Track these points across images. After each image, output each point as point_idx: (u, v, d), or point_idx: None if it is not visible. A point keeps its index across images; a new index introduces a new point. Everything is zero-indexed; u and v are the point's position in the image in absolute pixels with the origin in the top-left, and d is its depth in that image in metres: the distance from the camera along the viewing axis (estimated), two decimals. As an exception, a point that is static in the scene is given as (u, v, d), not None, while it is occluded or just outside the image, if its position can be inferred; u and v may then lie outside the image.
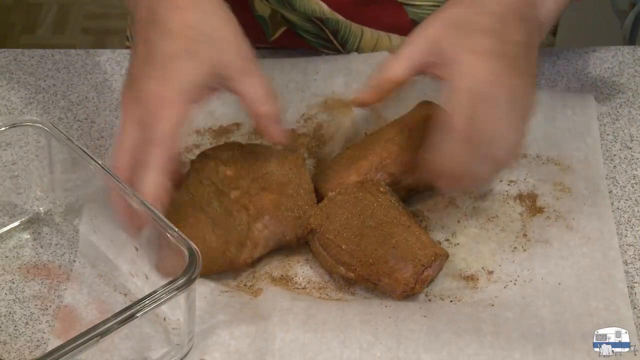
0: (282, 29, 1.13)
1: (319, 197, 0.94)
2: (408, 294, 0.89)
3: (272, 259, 0.94)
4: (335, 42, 1.12)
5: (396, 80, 0.91)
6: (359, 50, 1.12)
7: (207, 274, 0.91)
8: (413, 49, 0.91)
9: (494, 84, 0.87)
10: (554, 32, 1.25)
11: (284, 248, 0.94)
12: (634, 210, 0.98)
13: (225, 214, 0.90)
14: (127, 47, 1.25)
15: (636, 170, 1.02)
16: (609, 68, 1.13)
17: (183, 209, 0.90)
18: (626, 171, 1.02)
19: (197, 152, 0.99)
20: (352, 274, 0.90)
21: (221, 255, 0.90)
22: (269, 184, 0.92)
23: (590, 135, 1.04)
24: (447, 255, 0.91)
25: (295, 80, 1.09)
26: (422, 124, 0.94)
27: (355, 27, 1.10)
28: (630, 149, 1.04)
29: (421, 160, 0.91)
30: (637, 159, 1.03)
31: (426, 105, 0.97)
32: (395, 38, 1.11)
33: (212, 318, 0.88)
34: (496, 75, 0.87)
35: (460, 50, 0.88)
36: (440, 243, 0.94)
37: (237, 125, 1.05)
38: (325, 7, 1.08)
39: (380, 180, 0.93)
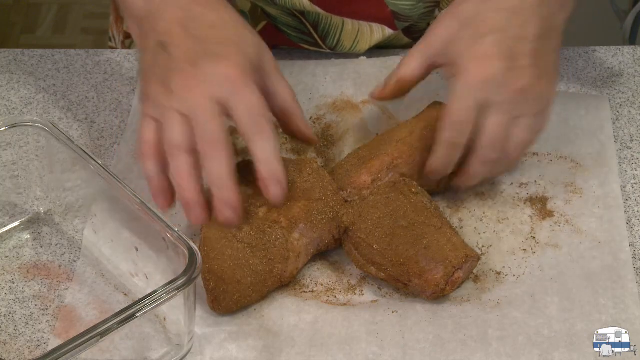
0: (263, 24, 1.13)
1: None
2: (438, 295, 0.88)
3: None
4: (315, 36, 1.12)
5: (410, 78, 0.95)
6: (339, 43, 1.12)
7: (261, 299, 0.89)
8: (426, 49, 0.94)
9: (498, 89, 0.89)
10: None
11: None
12: (634, 210, 0.98)
13: (259, 234, 0.89)
14: (110, 48, 1.24)
15: (636, 170, 1.02)
16: (609, 68, 1.13)
17: (217, 243, 0.88)
18: (626, 171, 1.02)
19: None
20: (382, 274, 0.89)
21: (269, 274, 0.89)
22: (294, 193, 0.91)
23: (604, 134, 1.04)
24: (478, 258, 0.91)
25: (304, 82, 1.09)
26: (433, 125, 0.93)
27: (336, 19, 1.10)
28: (630, 149, 1.04)
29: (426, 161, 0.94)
30: (637, 159, 1.03)
31: (438, 106, 0.97)
32: (376, 28, 1.11)
33: (218, 327, 0.88)
34: (502, 79, 0.89)
35: (468, 58, 0.90)
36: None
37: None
38: (305, 0, 1.08)
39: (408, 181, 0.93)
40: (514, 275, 0.92)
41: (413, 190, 0.92)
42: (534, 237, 0.95)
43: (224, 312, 0.88)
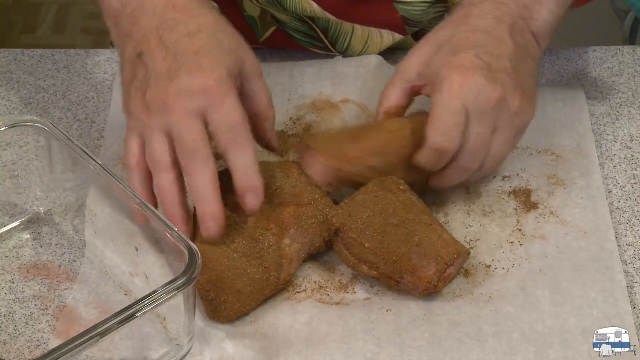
0: (272, 29, 1.13)
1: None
2: (430, 292, 0.89)
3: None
4: (325, 41, 1.13)
5: (395, 110, 0.96)
6: (349, 47, 1.13)
7: (257, 306, 0.90)
8: (404, 75, 0.95)
9: (478, 98, 0.90)
10: None
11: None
12: (634, 210, 0.98)
13: (251, 243, 0.89)
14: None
15: (636, 170, 1.02)
16: (609, 68, 1.13)
17: (212, 254, 0.88)
18: (626, 171, 1.02)
19: None
20: (375, 273, 0.90)
21: (266, 283, 0.89)
22: (283, 199, 0.91)
23: (582, 125, 1.05)
24: (468, 254, 0.91)
25: (282, 84, 1.09)
26: (422, 129, 0.93)
27: (346, 25, 1.11)
28: (630, 149, 1.04)
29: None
30: (637, 159, 1.03)
31: (426, 115, 0.97)
32: (386, 34, 1.11)
33: (217, 327, 0.88)
34: (483, 88, 0.90)
35: (447, 68, 0.91)
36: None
37: None
38: (315, 6, 1.08)
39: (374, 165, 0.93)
40: (503, 269, 0.92)
41: (401, 187, 0.92)
42: (520, 230, 0.95)
43: (224, 322, 0.88)
